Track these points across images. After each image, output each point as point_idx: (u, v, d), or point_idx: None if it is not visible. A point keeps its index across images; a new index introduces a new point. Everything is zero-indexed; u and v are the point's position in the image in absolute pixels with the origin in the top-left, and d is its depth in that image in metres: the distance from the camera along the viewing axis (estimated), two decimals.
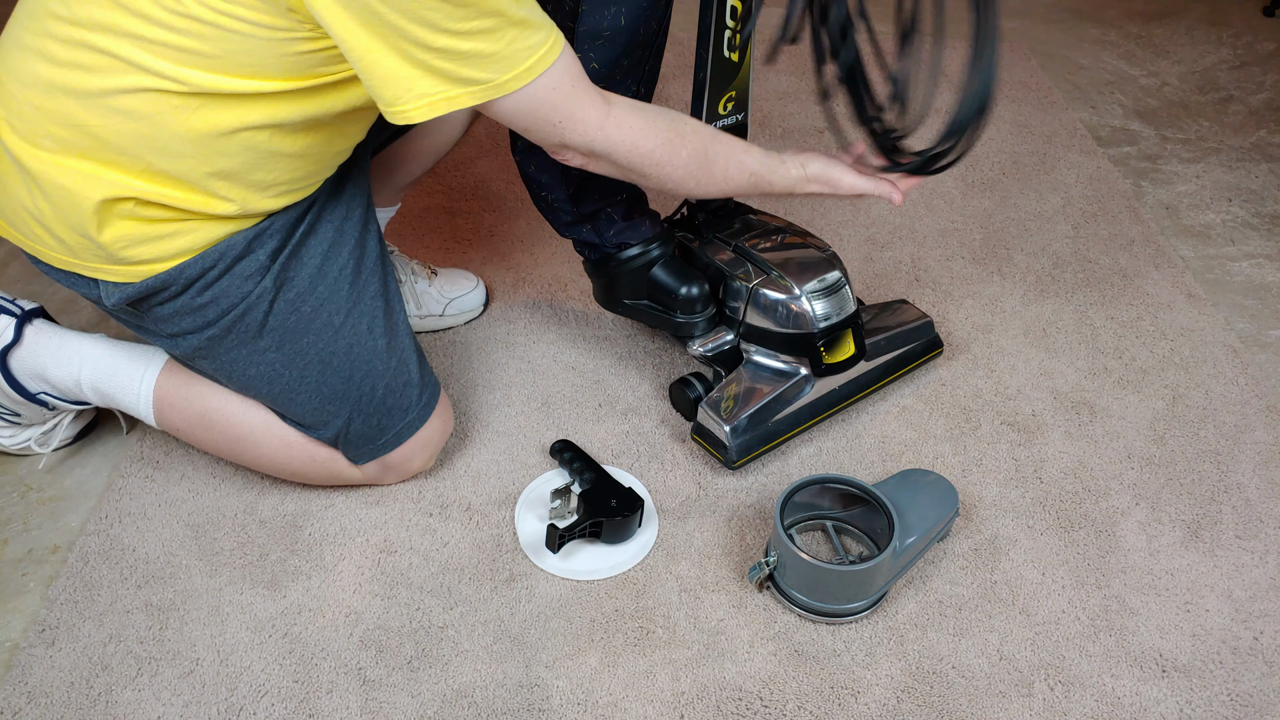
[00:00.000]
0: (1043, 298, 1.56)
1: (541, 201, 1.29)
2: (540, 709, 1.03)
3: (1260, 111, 2.07)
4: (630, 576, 1.15)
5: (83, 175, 0.96)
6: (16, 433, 1.24)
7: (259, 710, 1.02)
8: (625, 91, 1.20)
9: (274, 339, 1.08)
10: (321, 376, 1.10)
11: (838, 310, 1.25)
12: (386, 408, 1.14)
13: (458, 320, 1.48)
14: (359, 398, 1.12)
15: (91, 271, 1.03)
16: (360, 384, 1.12)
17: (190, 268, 1.02)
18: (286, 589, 1.13)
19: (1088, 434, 1.34)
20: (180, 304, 1.05)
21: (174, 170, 0.96)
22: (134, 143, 0.94)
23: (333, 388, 1.11)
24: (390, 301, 1.15)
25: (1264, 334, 1.52)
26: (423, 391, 1.17)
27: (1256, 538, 1.21)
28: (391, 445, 1.16)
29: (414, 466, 1.21)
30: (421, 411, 1.17)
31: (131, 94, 0.91)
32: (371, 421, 1.14)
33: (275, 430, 1.16)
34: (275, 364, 1.09)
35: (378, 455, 1.17)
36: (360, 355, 1.11)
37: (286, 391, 1.11)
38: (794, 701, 1.03)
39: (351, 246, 1.12)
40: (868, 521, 1.17)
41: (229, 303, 1.05)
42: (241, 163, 0.98)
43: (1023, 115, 2.02)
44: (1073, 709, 1.04)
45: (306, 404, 1.12)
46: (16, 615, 1.10)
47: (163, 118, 0.93)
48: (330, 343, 1.10)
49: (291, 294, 1.07)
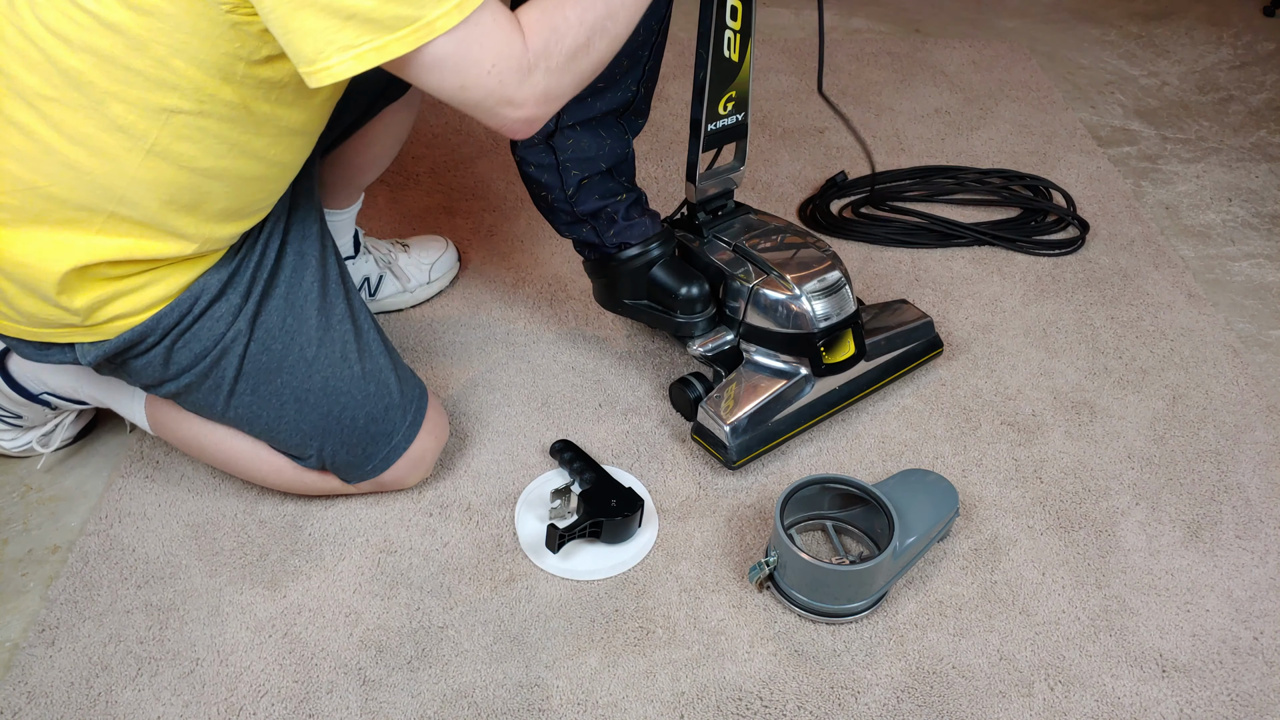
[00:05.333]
0: (1043, 298, 1.56)
1: (541, 201, 1.29)
2: (540, 709, 1.03)
3: (1260, 111, 2.07)
4: (630, 576, 1.15)
5: (44, 245, 0.92)
6: (18, 435, 1.24)
7: (259, 710, 1.02)
8: (625, 91, 1.21)
9: (249, 383, 1.05)
10: (299, 414, 1.08)
11: (838, 310, 1.25)
12: (370, 435, 1.12)
13: (444, 281, 1.52)
14: (340, 430, 1.10)
15: (65, 337, 0.99)
16: (340, 417, 1.10)
17: (167, 316, 0.99)
18: (286, 589, 1.13)
19: (1088, 434, 1.34)
20: (158, 354, 1.01)
21: (131, 213, 0.92)
22: (87, 191, 0.90)
23: (312, 424, 1.09)
24: (358, 320, 1.12)
25: (1264, 334, 1.52)
26: (406, 411, 1.14)
27: (1256, 538, 1.21)
28: (381, 468, 1.15)
29: (410, 482, 1.20)
30: (407, 432, 1.15)
31: (72, 136, 0.87)
32: (357, 451, 1.13)
33: (264, 456, 1.14)
34: (252, 406, 1.07)
35: (369, 478, 1.16)
36: (336, 387, 1.08)
37: (267, 430, 1.10)
38: (794, 701, 1.03)
39: (314, 268, 1.09)
40: (868, 521, 1.17)
41: (203, 348, 1.02)
42: (191, 185, 0.93)
43: (1023, 115, 2.02)
44: (1073, 709, 1.04)
45: (288, 439, 1.11)
46: (16, 615, 1.10)
47: (107, 147, 0.88)
48: (305, 379, 1.07)
49: (262, 333, 1.04)
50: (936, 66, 2.19)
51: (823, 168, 1.84)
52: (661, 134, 1.92)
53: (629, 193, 1.28)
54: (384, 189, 1.75)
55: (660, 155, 1.86)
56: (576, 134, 1.21)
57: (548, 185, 1.25)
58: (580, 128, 1.20)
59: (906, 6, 2.46)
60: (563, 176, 1.23)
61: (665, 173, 1.82)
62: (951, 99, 2.07)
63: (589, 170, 1.23)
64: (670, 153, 1.87)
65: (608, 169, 1.25)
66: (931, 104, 2.05)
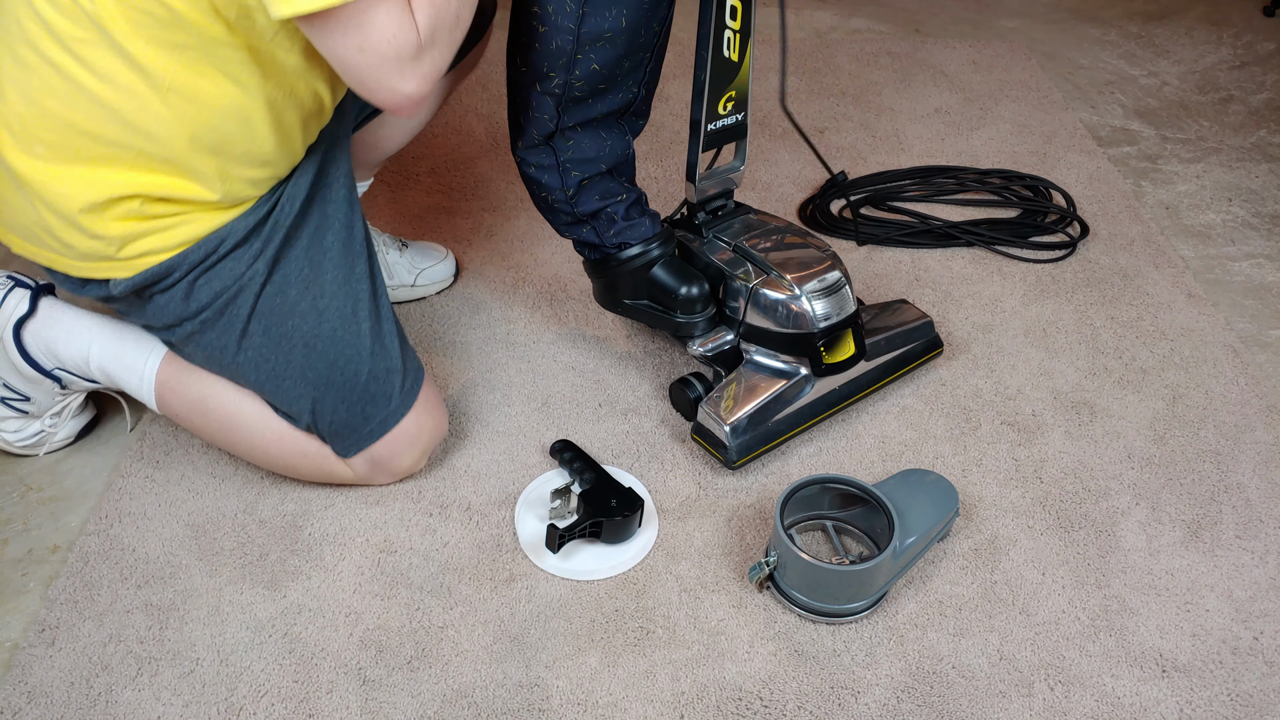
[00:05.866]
0: (1043, 298, 1.56)
1: (541, 201, 1.29)
2: (540, 709, 1.03)
3: (1260, 111, 2.07)
4: (630, 576, 1.15)
5: (82, 179, 0.99)
6: (25, 425, 1.24)
7: (259, 710, 1.02)
8: (627, 93, 1.21)
9: (261, 323, 1.10)
10: (306, 361, 1.11)
11: (838, 310, 1.25)
12: (370, 394, 1.14)
13: (429, 290, 1.53)
14: (343, 383, 1.12)
15: (101, 272, 1.06)
16: (344, 368, 1.12)
17: (194, 253, 1.05)
18: (286, 589, 1.13)
19: (1088, 434, 1.34)
20: (181, 289, 1.07)
21: (158, 150, 0.99)
22: (117, 127, 0.97)
23: (318, 372, 1.12)
24: (376, 284, 1.16)
25: (1264, 334, 1.52)
26: (405, 378, 1.17)
27: (1256, 538, 1.21)
28: (377, 434, 1.16)
29: (403, 464, 1.20)
30: (405, 399, 1.17)
31: (103, 74, 0.94)
32: (356, 409, 1.14)
33: (269, 422, 1.17)
34: (263, 348, 1.10)
35: (364, 446, 1.16)
36: (344, 339, 1.12)
37: (273, 377, 1.12)
38: (794, 701, 1.04)
39: (339, 229, 1.14)
40: (868, 521, 1.17)
41: (222, 285, 1.08)
42: (211, 124, 0.99)
43: (1023, 115, 2.02)
44: (1073, 709, 1.04)
45: (292, 390, 1.13)
46: (16, 615, 1.10)
47: (133, 85, 0.95)
48: (315, 326, 1.11)
49: (279, 276, 1.09)
50: (936, 66, 2.19)
51: (823, 168, 1.84)
52: (661, 134, 1.92)
53: (629, 193, 1.28)
54: (384, 188, 1.75)
55: (660, 155, 1.86)
56: (577, 135, 1.21)
57: (548, 185, 1.25)
58: (581, 128, 1.20)
59: (906, 6, 2.46)
60: (563, 177, 1.23)
61: (665, 173, 1.82)
62: (951, 99, 2.07)
63: (589, 171, 1.23)
64: (670, 153, 1.87)
65: (608, 169, 1.25)
66: (931, 104, 2.05)
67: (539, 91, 1.16)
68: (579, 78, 1.14)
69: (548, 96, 1.16)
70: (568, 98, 1.16)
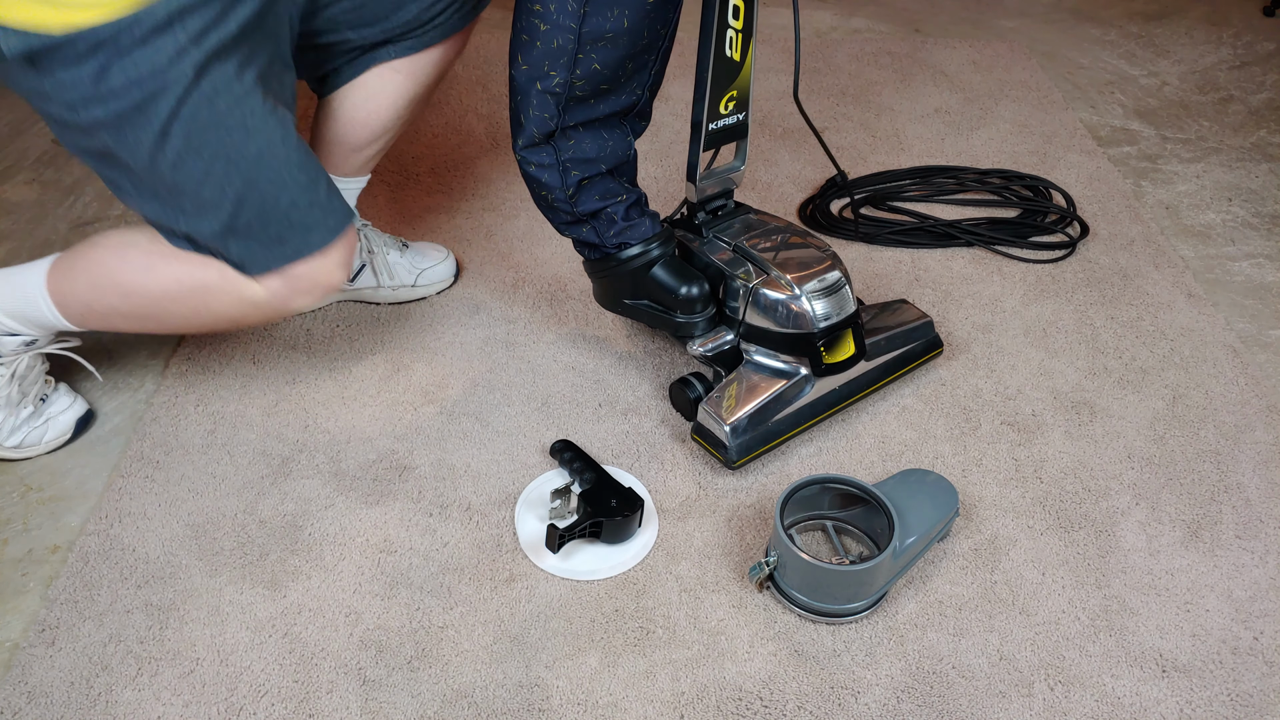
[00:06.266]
0: (1043, 298, 1.57)
1: (541, 201, 1.29)
2: (540, 709, 1.03)
3: (1260, 111, 2.07)
4: (630, 576, 1.15)
5: None
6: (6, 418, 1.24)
7: (259, 710, 1.02)
8: (630, 94, 1.21)
9: (184, 128, 1.02)
10: (226, 174, 1.05)
11: (838, 310, 1.25)
12: (289, 222, 1.09)
13: (429, 290, 1.53)
14: (261, 203, 1.07)
15: None
16: (265, 191, 1.07)
17: (102, 31, 0.97)
18: (286, 589, 1.13)
19: (1088, 434, 1.34)
20: (90, 69, 0.99)
21: None
22: None
23: (236, 189, 1.06)
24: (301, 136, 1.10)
25: (1264, 334, 1.52)
26: (329, 215, 1.11)
27: (1256, 538, 1.21)
28: (301, 252, 1.11)
29: (321, 282, 1.14)
30: (325, 235, 1.11)
31: None
32: (270, 230, 1.09)
33: (163, 268, 1.13)
34: (182, 153, 1.03)
35: (282, 262, 1.11)
36: (270, 163, 1.06)
37: (190, 183, 1.06)
38: (794, 701, 1.04)
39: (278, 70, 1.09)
40: (868, 521, 1.17)
41: (139, 74, 0.99)
42: None
43: (1023, 115, 2.02)
44: (1073, 709, 1.04)
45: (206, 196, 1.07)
46: (16, 615, 1.10)
47: None
48: (241, 143, 1.05)
49: (208, 85, 1.02)
50: (936, 66, 2.19)
51: (823, 168, 1.84)
52: (662, 134, 1.92)
53: (629, 193, 1.28)
54: (384, 188, 1.75)
55: (660, 155, 1.86)
56: (578, 134, 1.21)
57: (548, 185, 1.25)
58: (582, 128, 1.20)
59: (906, 6, 2.46)
60: (563, 176, 1.23)
61: (665, 173, 1.82)
62: (951, 99, 2.07)
63: (590, 171, 1.23)
64: (670, 153, 1.87)
65: (609, 170, 1.25)
66: (931, 104, 2.05)
67: (540, 90, 1.16)
68: (580, 77, 1.14)
69: (549, 95, 1.16)
70: (569, 97, 1.16)
